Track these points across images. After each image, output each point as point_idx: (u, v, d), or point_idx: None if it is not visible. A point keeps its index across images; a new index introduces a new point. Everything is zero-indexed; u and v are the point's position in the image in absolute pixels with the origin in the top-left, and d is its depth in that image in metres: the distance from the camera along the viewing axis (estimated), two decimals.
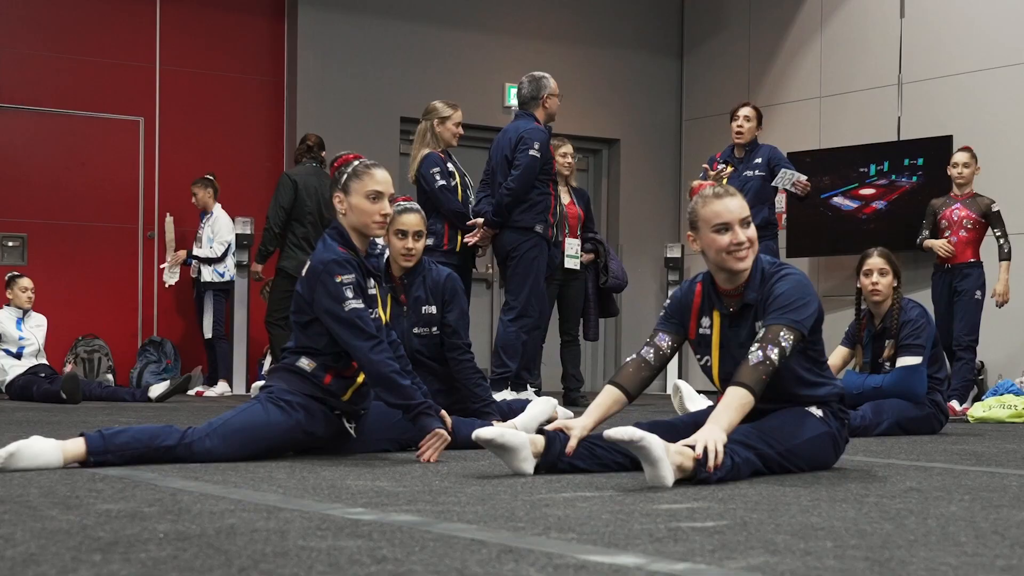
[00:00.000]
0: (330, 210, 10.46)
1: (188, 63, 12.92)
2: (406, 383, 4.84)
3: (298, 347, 4.96)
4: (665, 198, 15.24)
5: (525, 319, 8.86)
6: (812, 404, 4.58)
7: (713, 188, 4.54)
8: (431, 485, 3.99)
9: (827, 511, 3.40)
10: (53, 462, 4.35)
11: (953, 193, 9.83)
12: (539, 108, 9.13)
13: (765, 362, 4.30)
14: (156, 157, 12.74)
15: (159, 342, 12.42)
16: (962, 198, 9.75)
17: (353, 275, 4.87)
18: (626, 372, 4.64)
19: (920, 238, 9.94)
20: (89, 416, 7.83)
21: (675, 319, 4.71)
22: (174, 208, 12.60)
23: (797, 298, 4.42)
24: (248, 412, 4.80)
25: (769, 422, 4.44)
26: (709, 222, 4.47)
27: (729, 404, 4.25)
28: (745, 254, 4.46)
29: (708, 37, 15.17)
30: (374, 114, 13.36)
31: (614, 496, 3.71)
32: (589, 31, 14.75)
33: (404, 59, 13.60)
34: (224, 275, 12.02)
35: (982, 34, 12.46)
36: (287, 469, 4.45)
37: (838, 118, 13.61)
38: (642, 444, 3.93)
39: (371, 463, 4.74)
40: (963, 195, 9.75)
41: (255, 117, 13.23)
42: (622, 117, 14.93)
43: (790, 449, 4.43)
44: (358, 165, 5.03)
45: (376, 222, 4.97)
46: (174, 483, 3.96)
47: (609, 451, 4.47)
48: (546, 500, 3.59)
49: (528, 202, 8.94)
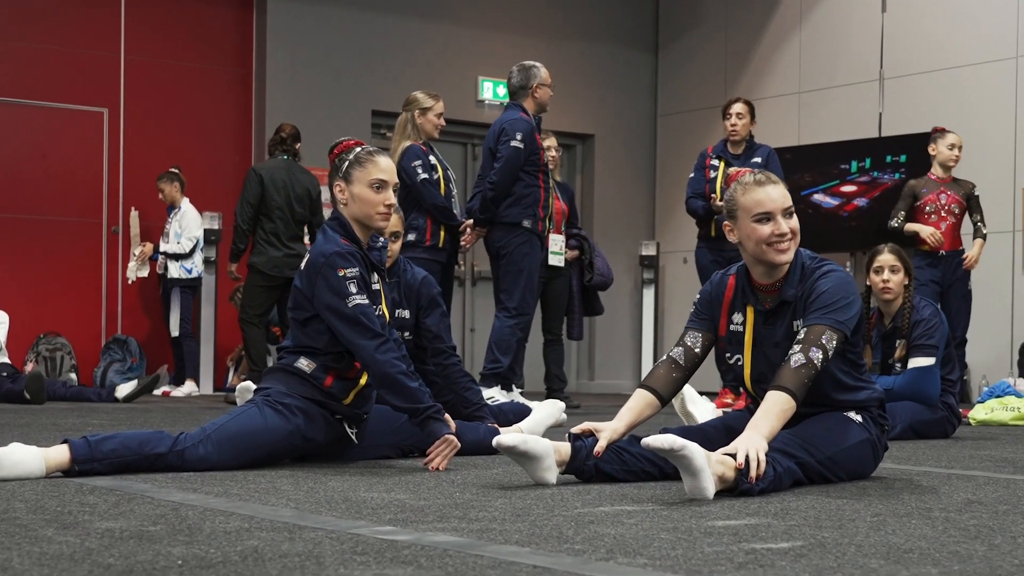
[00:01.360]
0: (300, 203, 10.22)
1: (154, 53, 12.52)
2: (414, 385, 4.51)
3: (296, 346, 4.62)
4: (640, 195, 14.95)
5: (522, 318, 8.58)
6: (851, 409, 4.28)
7: (753, 175, 4.23)
8: (453, 497, 3.66)
9: (900, 529, 3.10)
10: (35, 471, 4.00)
11: (937, 176, 9.35)
12: (528, 98, 8.85)
13: (807, 365, 4.00)
14: (121, 149, 12.34)
15: (123, 340, 12.02)
16: (946, 181, 9.35)
17: (356, 269, 4.54)
18: (657, 374, 4.33)
19: (897, 221, 9.24)
20: (58, 418, 7.44)
21: (705, 315, 4.40)
22: (139, 202, 12.21)
23: (841, 297, 4.12)
24: (244, 417, 4.45)
25: (809, 429, 4.14)
26: (749, 211, 4.16)
27: (769, 410, 3.94)
28: (787, 246, 4.16)
29: (684, 31, 14.89)
30: (345, 107, 13.02)
31: (657, 511, 3.40)
32: (563, 24, 14.45)
33: (375, 51, 13.26)
34: (192, 271, 11.64)
35: (965, 29, 12.24)
36: (290, 479, 4.11)
37: (818, 114, 13.37)
38: (683, 453, 3.62)
39: (377, 471, 4.40)
40: (947, 178, 9.36)
41: (222, 109, 12.85)
42: (596, 112, 14.63)
43: (831, 457, 4.13)
44: (360, 152, 4.70)
45: (380, 213, 4.65)
46: (171, 495, 3.61)
47: (638, 458, 4.16)
48: (588, 515, 3.28)
49: (514, 196, 8.64)
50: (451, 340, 6.08)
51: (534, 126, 8.77)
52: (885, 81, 12.83)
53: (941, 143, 9.34)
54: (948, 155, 9.39)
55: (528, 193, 8.70)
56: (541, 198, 8.78)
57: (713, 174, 9.61)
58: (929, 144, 9.48)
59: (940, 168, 9.35)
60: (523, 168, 8.66)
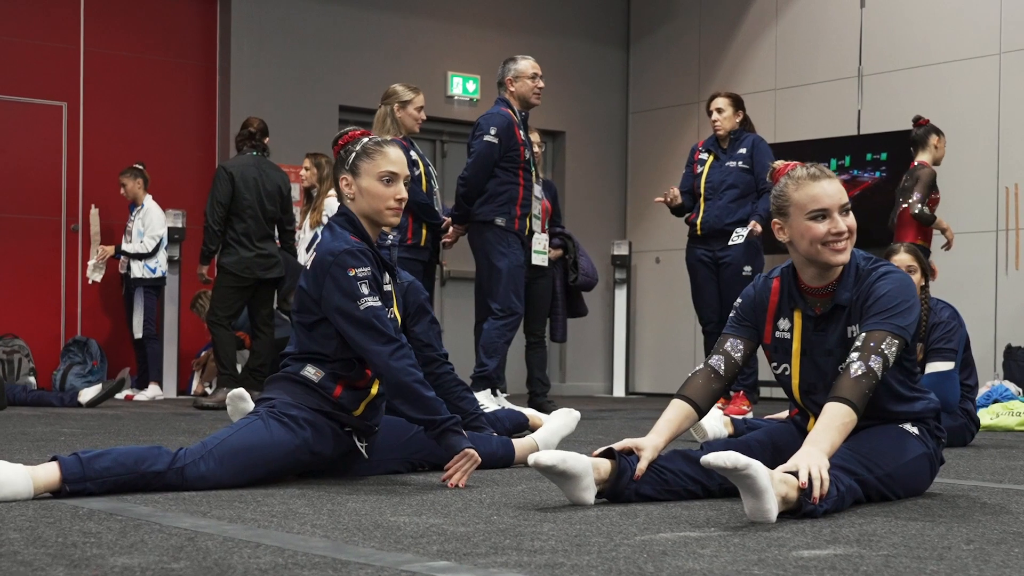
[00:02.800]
0: (271, 201, 9.83)
1: (115, 45, 12.08)
2: (430, 395, 4.15)
3: (302, 353, 4.25)
4: (611, 193, 14.64)
5: (509, 318, 8.24)
6: (907, 421, 3.96)
7: (806, 168, 3.90)
8: (492, 522, 3.31)
9: (1009, 560, 2.79)
10: (22, 492, 3.62)
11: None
12: (507, 92, 8.57)
13: (868, 374, 3.68)
14: (80, 145, 11.89)
15: (84, 342, 11.55)
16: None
17: (368, 268, 4.18)
18: (695, 384, 4.00)
19: (921, 208, 8.92)
20: (26, 426, 7.02)
21: (747, 321, 4.07)
22: (100, 199, 11.76)
23: (901, 300, 3.80)
24: (248, 430, 4.07)
25: (866, 443, 3.82)
26: (804, 208, 3.84)
27: (829, 424, 3.62)
28: (844, 246, 3.84)
29: (656, 26, 14.58)
30: (311, 102, 12.64)
31: (726, 537, 3.07)
32: (533, 19, 14.11)
33: (343, 45, 12.89)
34: (155, 271, 11.21)
35: (947, 24, 12.00)
36: (304, 500, 3.74)
37: (795, 111, 13.09)
38: (748, 472, 3.29)
39: (394, 490, 4.04)
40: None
41: (186, 104, 12.43)
42: (567, 109, 14.29)
43: (889, 474, 3.82)
44: (367, 143, 4.35)
45: (391, 208, 4.29)
46: (180, 521, 3.25)
47: (680, 476, 3.83)
48: (653, 544, 2.94)
49: (487, 193, 8.33)
50: (443, 348, 5.74)
51: (513, 121, 8.46)
52: (864, 78, 12.57)
53: (941, 141, 9.18)
54: (943, 153, 9.25)
55: (504, 191, 8.38)
56: (519, 196, 8.44)
57: (700, 168, 9.30)
58: (934, 136, 9.27)
59: (933, 164, 9.17)
60: (499, 164, 8.35)
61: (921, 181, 8.97)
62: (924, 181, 8.97)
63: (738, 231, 8.89)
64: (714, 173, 9.16)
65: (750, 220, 8.91)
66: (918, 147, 9.36)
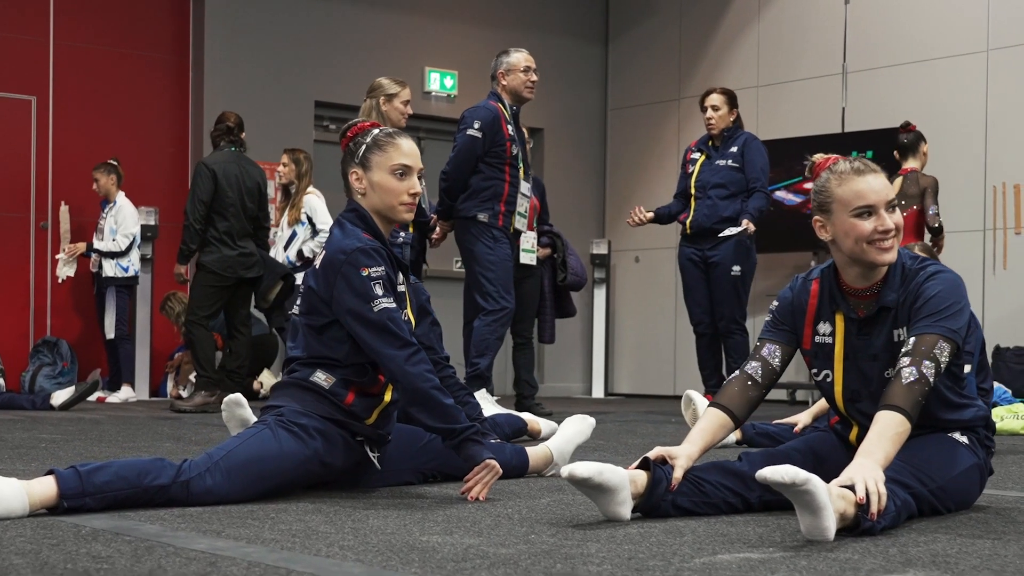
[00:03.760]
0: (251, 198, 9.54)
1: (85, 39, 11.77)
2: (449, 402, 3.90)
3: (311, 357, 3.99)
4: (590, 191, 14.42)
5: (498, 313, 8.00)
6: (957, 430, 3.75)
7: (850, 162, 3.67)
8: (531, 541, 3.07)
9: None
10: (17, 509, 3.35)
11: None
12: (499, 86, 8.36)
13: (920, 380, 3.46)
14: (50, 140, 11.58)
15: (54, 342, 11.24)
16: None
17: (382, 267, 3.93)
18: (730, 392, 3.77)
19: (940, 222, 9.06)
20: (2, 432, 6.73)
21: (785, 325, 3.85)
22: (70, 196, 11.45)
23: (953, 302, 3.58)
24: (255, 441, 3.80)
25: (918, 454, 3.60)
26: (848, 204, 3.61)
27: (883, 433, 3.39)
28: (891, 244, 3.61)
29: (636, 22, 14.37)
30: (286, 98, 12.38)
31: (789, 559, 2.84)
32: (511, 14, 13.88)
33: (319, 40, 12.63)
34: (128, 270, 10.89)
35: (933, 20, 11.83)
36: (321, 516, 3.49)
37: (778, 109, 12.90)
38: (807, 488, 3.06)
39: (412, 504, 3.79)
40: None
41: (158, 99, 12.13)
42: (546, 106, 14.04)
43: (942, 487, 3.60)
44: (378, 134, 4.10)
45: (404, 204, 4.05)
46: (194, 542, 2.99)
47: (719, 488, 3.61)
48: (715, 567, 2.70)
49: (470, 188, 8.12)
50: (444, 350, 5.48)
51: (500, 115, 8.24)
52: (848, 75, 12.39)
53: (927, 147, 9.24)
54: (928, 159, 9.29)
55: (488, 186, 8.17)
56: (504, 192, 8.22)
57: (692, 168, 9.08)
58: (923, 144, 9.23)
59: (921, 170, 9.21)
60: (484, 159, 8.13)
61: (932, 191, 9.00)
62: (934, 190, 9.00)
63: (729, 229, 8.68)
64: (704, 172, 8.95)
65: (741, 218, 8.70)
66: (907, 153, 9.26)
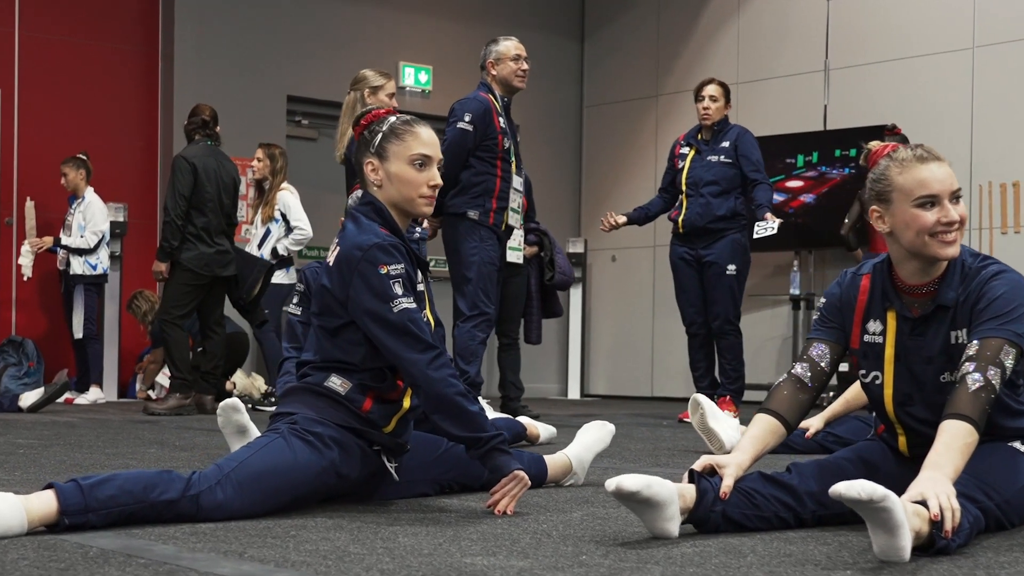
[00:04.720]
0: (227, 194, 9.24)
1: (52, 29, 11.42)
2: (475, 409, 3.65)
3: (325, 361, 3.72)
4: (566, 190, 14.18)
5: (478, 318, 7.67)
6: (1017, 438, 3.52)
7: (912, 149, 3.45)
8: (582, 562, 2.82)
9: None
10: (15, 527, 3.07)
11: None
12: (488, 76, 8.09)
13: (987, 387, 3.23)
14: (15, 134, 11.23)
15: (19, 342, 10.90)
16: None
17: (402, 265, 3.66)
18: (780, 396, 3.53)
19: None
20: None
21: (834, 323, 3.61)
22: (36, 191, 11.10)
23: (1018, 304, 3.35)
24: (268, 451, 3.53)
25: (981, 465, 3.35)
26: (910, 193, 3.38)
27: (950, 444, 3.16)
28: (955, 237, 3.39)
29: (612, 18, 14.14)
30: (258, 92, 12.07)
31: None
32: (486, 9, 13.62)
33: (291, 32, 12.34)
34: (96, 267, 10.56)
35: (917, 17, 11.66)
36: (346, 534, 3.22)
37: (758, 106, 12.69)
38: (884, 506, 2.82)
39: (438, 519, 3.53)
40: None
41: (127, 92, 11.81)
42: (519, 102, 13.60)
43: (1008, 500, 3.37)
44: (395, 123, 3.84)
45: (424, 196, 3.79)
46: (218, 565, 2.72)
47: (771, 500, 3.37)
48: None
49: (461, 184, 7.79)
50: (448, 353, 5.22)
51: (492, 107, 7.96)
52: (831, 72, 12.21)
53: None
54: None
55: (479, 182, 7.83)
56: (495, 188, 7.90)
57: (681, 164, 8.84)
58: None
59: None
60: (474, 153, 7.83)
61: None
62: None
63: (762, 225, 8.36)
64: (696, 168, 8.70)
65: (761, 213, 8.38)
66: None
